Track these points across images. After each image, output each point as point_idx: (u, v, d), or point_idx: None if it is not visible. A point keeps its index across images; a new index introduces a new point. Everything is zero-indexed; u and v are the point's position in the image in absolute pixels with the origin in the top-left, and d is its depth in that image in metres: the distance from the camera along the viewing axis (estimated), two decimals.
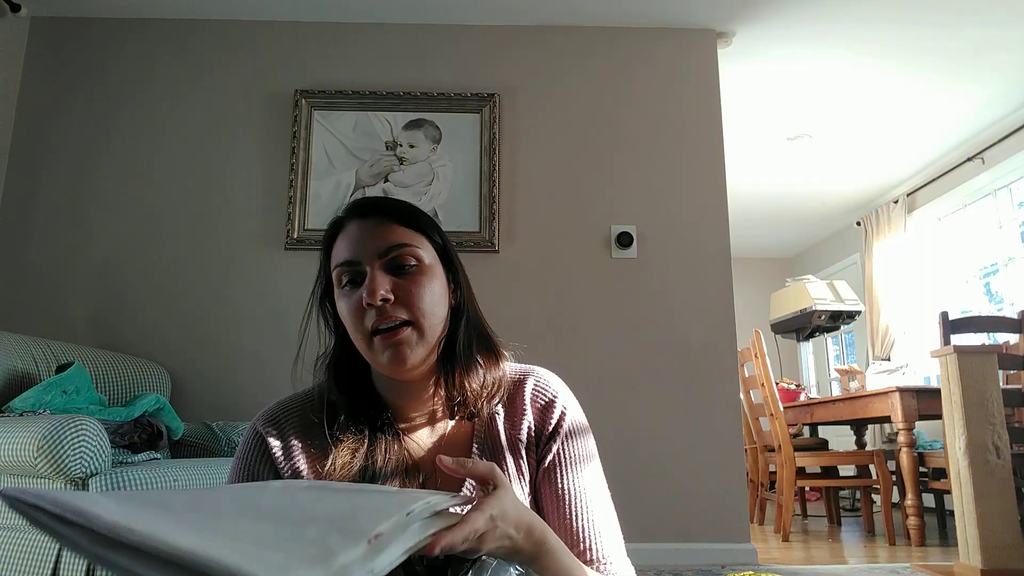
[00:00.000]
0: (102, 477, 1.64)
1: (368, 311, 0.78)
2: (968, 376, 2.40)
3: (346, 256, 0.81)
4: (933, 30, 3.22)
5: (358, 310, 0.79)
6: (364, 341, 0.80)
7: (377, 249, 0.80)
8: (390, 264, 0.80)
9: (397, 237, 0.81)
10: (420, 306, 0.79)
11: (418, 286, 0.80)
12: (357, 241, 0.81)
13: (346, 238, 0.82)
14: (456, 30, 3.14)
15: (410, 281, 0.80)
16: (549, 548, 0.71)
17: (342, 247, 0.82)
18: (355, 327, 0.80)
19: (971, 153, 4.45)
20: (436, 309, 0.82)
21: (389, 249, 0.80)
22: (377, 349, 0.79)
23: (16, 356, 2.11)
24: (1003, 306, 4.44)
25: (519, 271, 2.91)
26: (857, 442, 4.21)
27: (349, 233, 0.82)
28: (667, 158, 3.05)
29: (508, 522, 0.64)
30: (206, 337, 2.84)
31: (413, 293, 0.79)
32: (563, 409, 0.88)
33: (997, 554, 2.28)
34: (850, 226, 5.97)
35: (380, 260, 0.80)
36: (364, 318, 0.78)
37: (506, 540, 0.64)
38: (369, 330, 0.78)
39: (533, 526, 0.69)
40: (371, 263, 0.79)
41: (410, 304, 0.79)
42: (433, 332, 0.81)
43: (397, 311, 0.78)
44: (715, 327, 2.90)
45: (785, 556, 3.01)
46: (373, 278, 0.78)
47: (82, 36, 3.10)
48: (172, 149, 3.01)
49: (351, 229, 0.83)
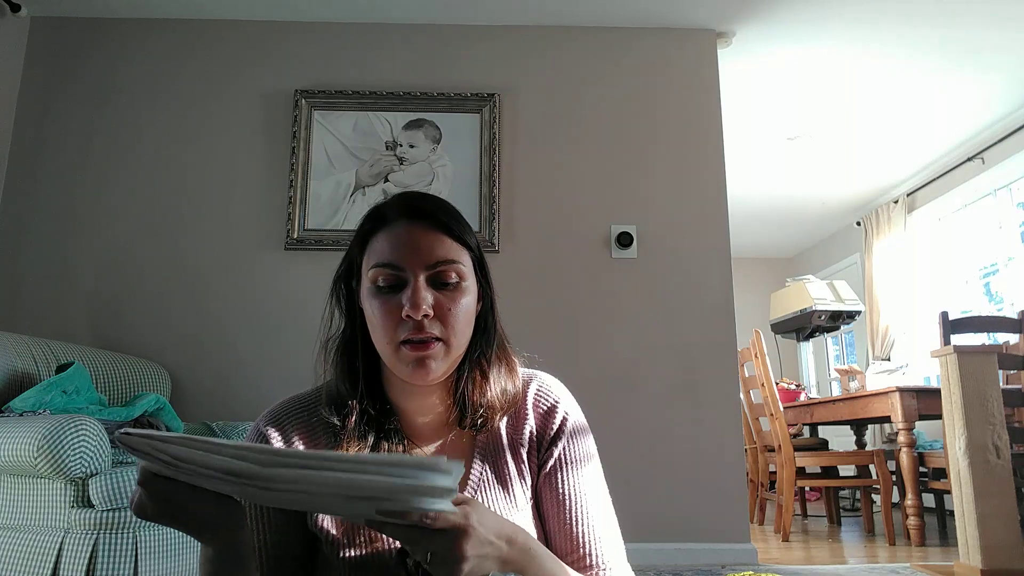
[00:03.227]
0: (102, 477, 1.64)
1: (405, 322, 0.76)
2: (968, 376, 2.40)
3: (391, 259, 0.78)
4: (933, 30, 3.22)
5: (393, 316, 0.77)
6: (391, 347, 0.78)
7: (425, 261, 0.78)
8: (434, 278, 0.78)
9: (446, 251, 0.79)
10: (455, 325, 0.78)
11: (456, 305, 0.79)
12: (405, 246, 0.78)
13: (392, 238, 0.79)
14: (456, 30, 3.15)
15: (449, 299, 0.78)
16: (535, 554, 0.70)
17: (386, 246, 0.79)
18: (385, 332, 0.78)
19: (971, 153, 4.45)
20: (467, 328, 0.81)
21: (437, 264, 0.78)
22: (403, 358, 0.77)
23: (16, 356, 2.11)
24: (1003, 306, 4.44)
25: (519, 271, 2.91)
26: (857, 442, 4.22)
27: (396, 233, 0.79)
28: (667, 158, 3.05)
29: (488, 529, 0.63)
30: (206, 337, 2.84)
31: (451, 312, 0.78)
32: (565, 414, 0.88)
33: (997, 554, 2.27)
34: (850, 226, 5.97)
35: (426, 272, 0.78)
36: (398, 326, 0.77)
37: (488, 547, 0.63)
38: (400, 339, 0.77)
39: (515, 534, 0.68)
40: (416, 273, 0.77)
41: (446, 322, 0.78)
42: (460, 349, 0.81)
43: (432, 327, 0.77)
44: (715, 327, 2.90)
45: (785, 556, 3.01)
46: (417, 291, 0.76)
47: (82, 36, 3.10)
48: (172, 149, 3.01)
49: (399, 229, 0.79)
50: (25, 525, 1.68)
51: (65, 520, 1.64)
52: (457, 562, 0.60)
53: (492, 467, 0.85)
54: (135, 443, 0.58)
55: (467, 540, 0.60)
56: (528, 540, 0.70)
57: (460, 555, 0.60)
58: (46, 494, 1.66)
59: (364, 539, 0.79)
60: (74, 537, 1.62)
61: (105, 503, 1.63)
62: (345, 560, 0.79)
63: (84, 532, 1.62)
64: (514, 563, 0.68)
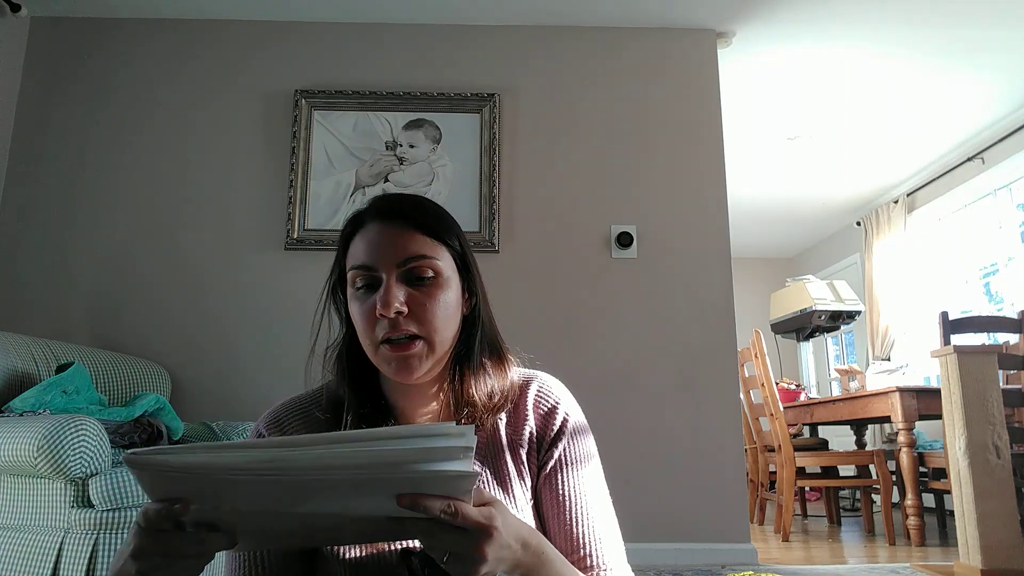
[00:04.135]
0: (102, 477, 1.64)
1: (380, 320, 0.77)
2: (968, 376, 2.40)
3: (363, 260, 0.79)
4: (933, 30, 3.22)
5: (370, 316, 0.78)
6: (372, 347, 0.79)
7: (395, 259, 0.79)
8: (407, 274, 0.79)
9: (417, 247, 0.79)
10: (432, 321, 0.79)
11: (432, 300, 0.79)
12: (376, 246, 0.79)
13: (365, 239, 0.81)
14: (456, 30, 3.15)
15: (425, 295, 0.79)
16: (547, 558, 0.70)
17: (360, 248, 0.81)
18: (365, 332, 0.79)
19: (971, 153, 4.45)
20: (448, 323, 0.81)
21: (407, 260, 0.79)
22: (385, 358, 0.79)
23: (16, 356, 2.11)
24: (1003, 306, 4.44)
25: (519, 271, 2.91)
26: (857, 442, 4.22)
27: (369, 235, 0.81)
28: (667, 158, 3.05)
29: (509, 532, 0.63)
30: (206, 337, 2.84)
31: (427, 308, 0.78)
32: (565, 415, 0.88)
33: (997, 554, 2.27)
34: (850, 226, 5.97)
35: (397, 270, 0.78)
36: (375, 326, 0.78)
37: (507, 551, 0.63)
38: (379, 339, 0.78)
39: (530, 538, 0.68)
40: (388, 272, 0.78)
41: (422, 319, 0.78)
42: (443, 346, 0.81)
43: (408, 324, 0.77)
44: (715, 327, 2.90)
45: (785, 556, 3.01)
46: (388, 289, 0.77)
47: (82, 36, 3.10)
48: (172, 149, 3.01)
49: (371, 230, 0.81)
50: (25, 525, 1.68)
51: (65, 520, 1.64)
52: (476, 563, 0.60)
53: (491, 467, 0.85)
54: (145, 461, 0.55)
55: (489, 542, 0.60)
56: (541, 543, 0.70)
57: (481, 556, 0.59)
58: (46, 494, 1.66)
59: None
60: (74, 537, 1.62)
61: (105, 503, 1.63)
62: (346, 561, 0.79)
63: (84, 532, 1.62)
64: (525, 566, 0.67)
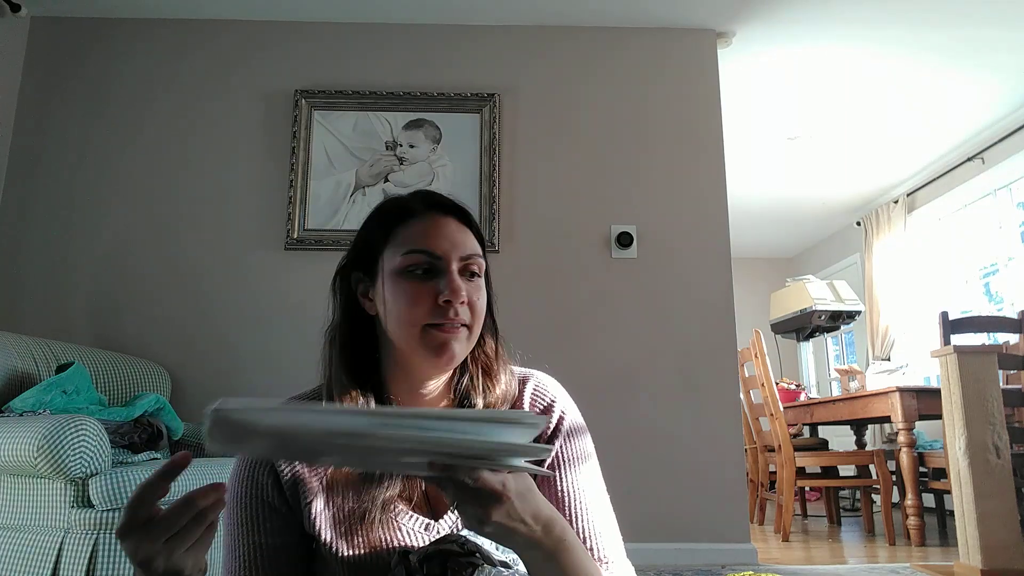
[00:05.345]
0: (102, 477, 1.64)
1: (438, 307, 0.80)
2: (968, 376, 2.39)
3: (427, 246, 0.82)
4: (933, 30, 3.22)
5: (423, 299, 0.80)
6: (415, 328, 0.81)
7: (460, 252, 0.83)
8: (464, 268, 0.84)
9: (473, 245, 0.85)
10: (480, 315, 0.85)
11: (481, 296, 0.85)
12: (443, 237, 0.83)
13: (426, 229, 0.83)
14: (456, 30, 3.14)
15: (475, 289, 0.84)
16: (568, 546, 0.71)
17: (420, 235, 0.83)
18: (411, 313, 0.80)
19: (971, 153, 4.45)
20: (484, 318, 0.87)
21: (469, 255, 0.84)
22: (430, 340, 0.80)
23: (16, 356, 2.11)
24: (1003, 306, 4.43)
25: (519, 271, 2.91)
26: (857, 442, 4.21)
27: (430, 225, 0.84)
28: (667, 158, 3.05)
29: (525, 507, 0.65)
30: (206, 337, 2.84)
31: (477, 301, 0.84)
32: (562, 412, 0.89)
33: (997, 554, 2.27)
34: (850, 226, 5.97)
35: (459, 263, 0.83)
36: (430, 310, 0.80)
37: (520, 525, 0.65)
38: (427, 321, 0.80)
39: (553, 521, 0.69)
40: (452, 262, 0.82)
41: (474, 311, 0.83)
42: (476, 338, 0.86)
43: (464, 313, 0.82)
44: (715, 327, 2.90)
45: (785, 556, 3.01)
46: (455, 278, 0.81)
47: (82, 36, 3.10)
48: (172, 149, 3.01)
49: (432, 221, 0.84)
50: (25, 525, 1.68)
51: (65, 520, 1.64)
52: (480, 523, 0.63)
53: None
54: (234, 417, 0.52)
55: (498, 507, 0.62)
56: (566, 532, 0.71)
57: (485, 517, 0.63)
58: (46, 494, 1.66)
59: (362, 540, 0.79)
60: (74, 537, 1.62)
61: (105, 503, 1.63)
62: (342, 560, 0.79)
63: (84, 532, 1.62)
64: (544, 549, 0.68)
